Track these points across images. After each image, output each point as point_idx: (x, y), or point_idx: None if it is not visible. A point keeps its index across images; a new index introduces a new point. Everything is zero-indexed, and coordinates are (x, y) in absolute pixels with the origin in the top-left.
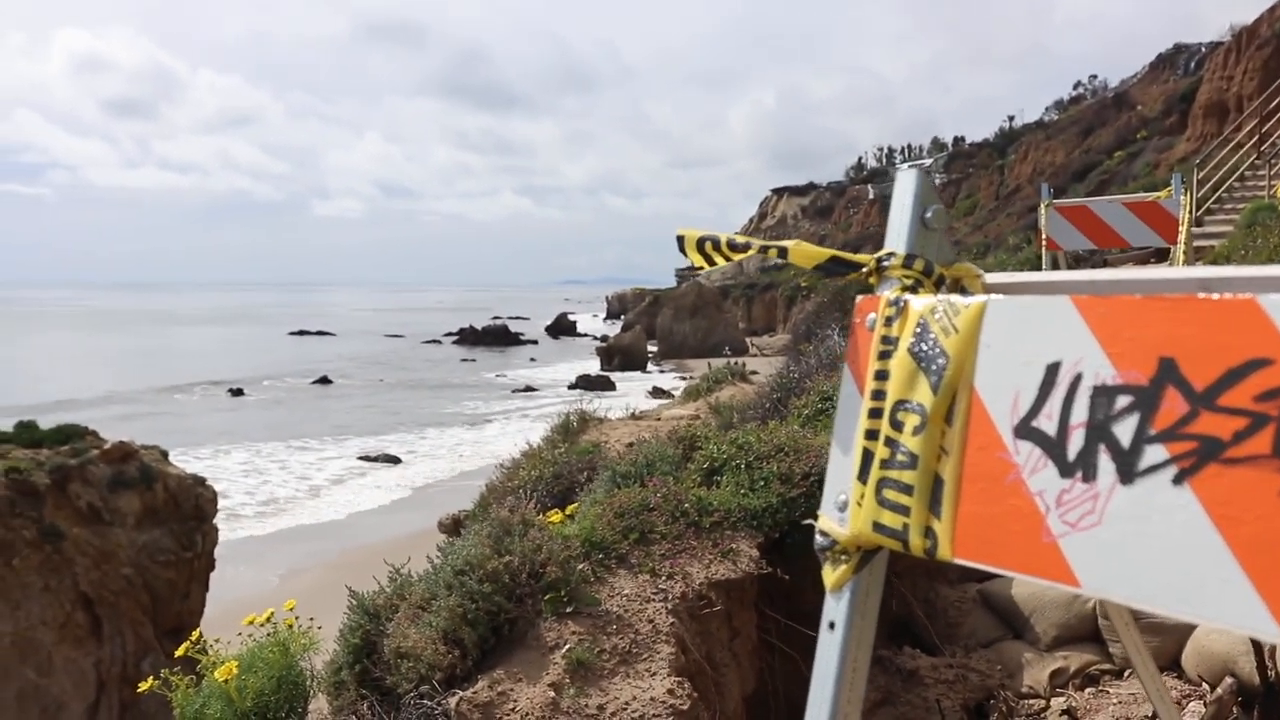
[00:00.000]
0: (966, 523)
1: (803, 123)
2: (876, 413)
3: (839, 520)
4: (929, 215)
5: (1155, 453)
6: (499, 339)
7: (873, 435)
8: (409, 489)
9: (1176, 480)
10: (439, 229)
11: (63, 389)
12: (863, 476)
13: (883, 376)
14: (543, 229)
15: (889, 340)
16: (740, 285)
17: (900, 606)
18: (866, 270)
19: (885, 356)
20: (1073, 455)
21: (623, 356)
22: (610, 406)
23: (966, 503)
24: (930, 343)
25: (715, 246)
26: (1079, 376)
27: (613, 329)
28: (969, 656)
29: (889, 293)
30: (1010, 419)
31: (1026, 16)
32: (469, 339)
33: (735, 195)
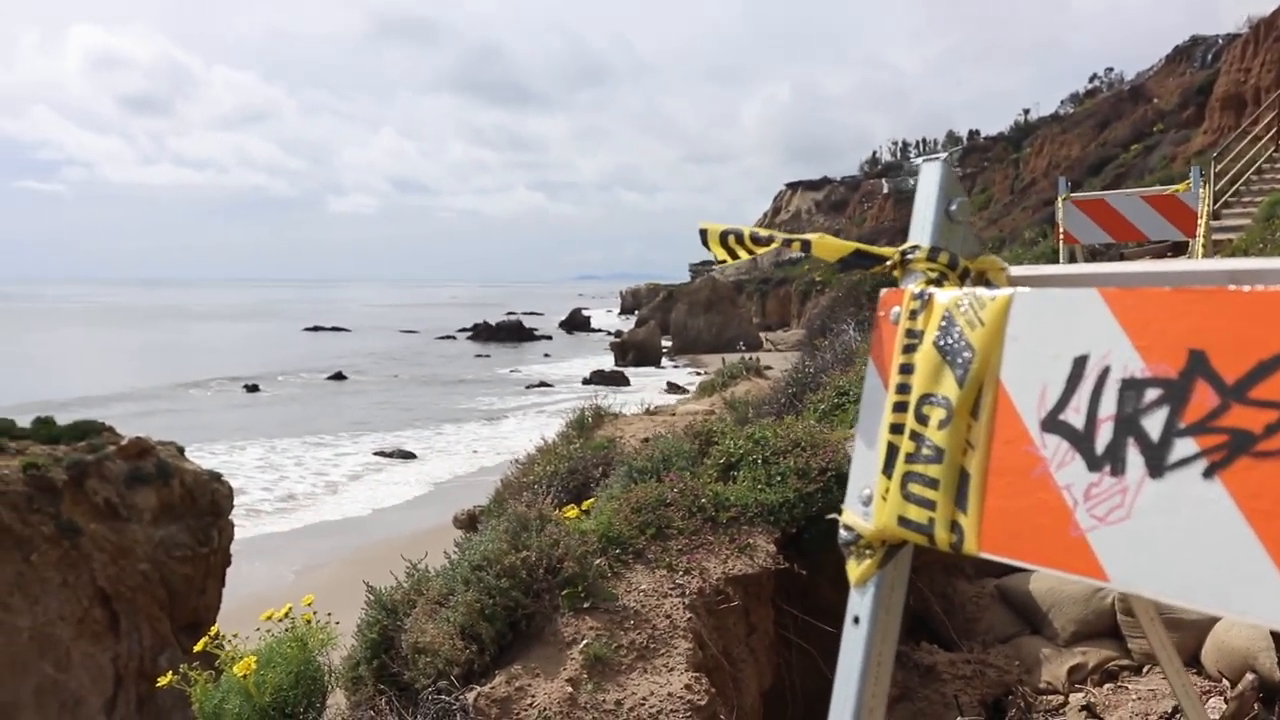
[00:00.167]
0: (993, 517)
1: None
2: (901, 406)
3: (863, 515)
4: (953, 208)
5: (1185, 446)
6: (513, 334)
7: (897, 429)
8: (428, 485)
9: (1207, 474)
10: (453, 225)
11: (80, 385)
12: (887, 471)
13: (907, 370)
14: (557, 224)
15: (913, 334)
16: (754, 280)
17: (918, 602)
18: (890, 263)
19: (910, 350)
20: (1101, 449)
21: (637, 352)
22: (625, 402)
23: (993, 497)
24: (956, 336)
25: (739, 240)
26: (1107, 369)
27: (627, 324)
28: (987, 652)
29: (913, 286)
30: (1037, 412)
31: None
32: (483, 334)
33: (749, 190)
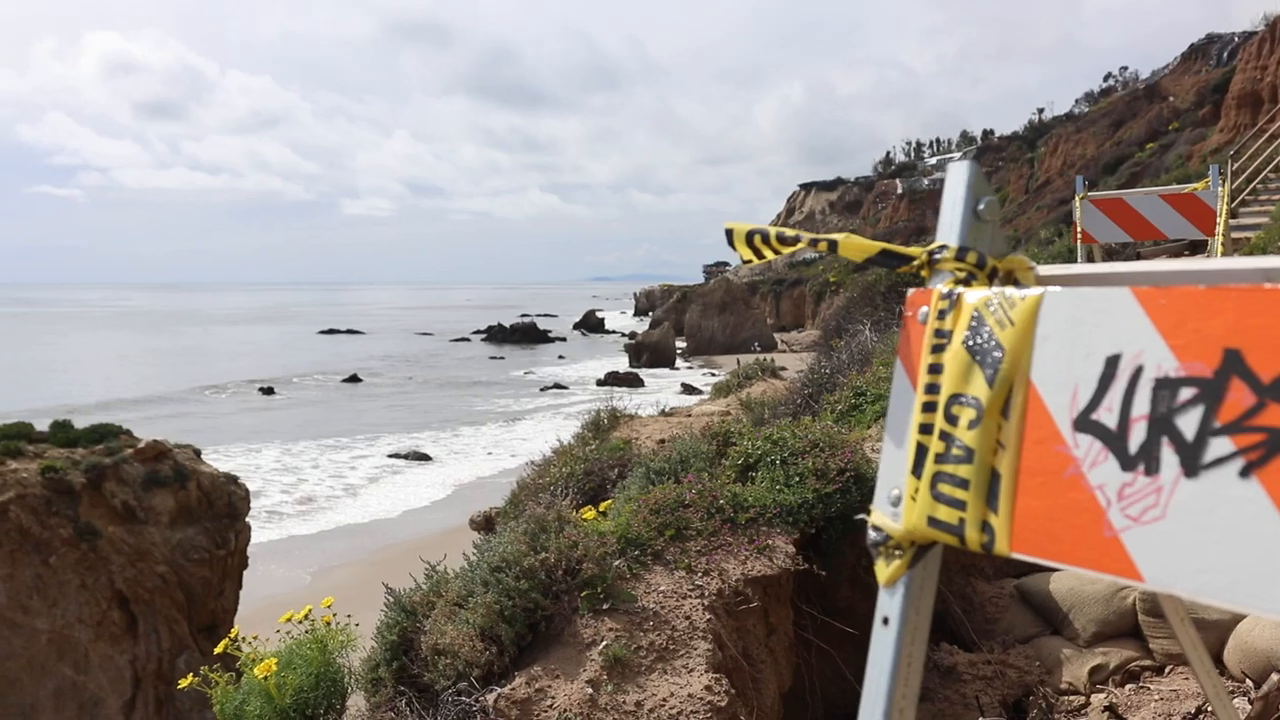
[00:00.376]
0: (1024, 517)
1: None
2: (930, 407)
3: (892, 515)
4: (982, 207)
5: (1221, 445)
6: (527, 336)
7: (927, 429)
8: (450, 486)
9: (1244, 473)
10: (467, 227)
11: (96, 389)
12: (917, 471)
13: (936, 370)
14: (570, 226)
15: (942, 334)
16: (768, 281)
17: (937, 602)
18: (918, 263)
19: (939, 350)
20: (1134, 448)
21: (651, 353)
22: (640, 403)
23: (1024, 497)
24: (985, 336)
25: (765, 240)
26: (1140, 369)
27: (641, 326)
28: (1007, 652)
29: (941, 286)
30: (1069, 412)
31: (1057, 8)
32: (498, 336)
33: (763, 191)
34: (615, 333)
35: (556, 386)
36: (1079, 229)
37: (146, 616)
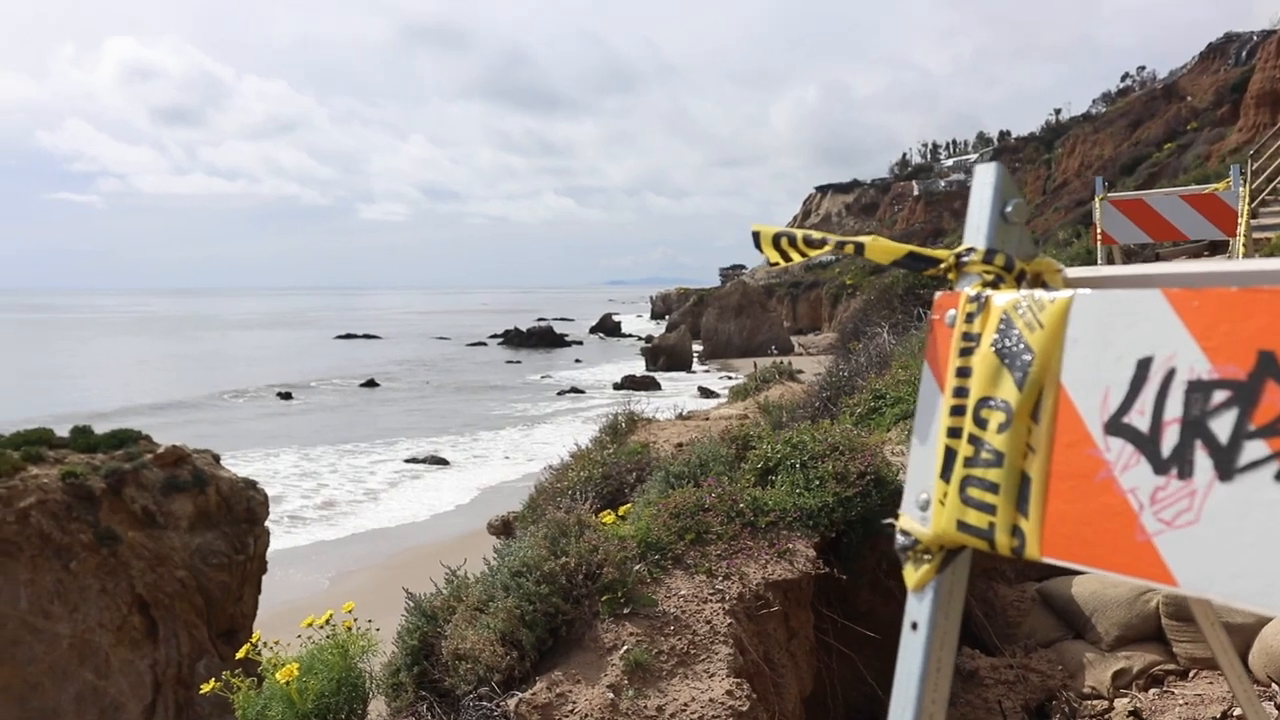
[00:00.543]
0: (1055, 521)
1: (846, 119)
2: (959, 410)
3: (921, 519)
4: (1009, 209)
5: (1256, 448)
6: (544, 340)
7: (955, 433)
8: (473, 490)
9: (1279, 476)
10: (483, 231)
11: (116, 395)
12: (945, 475)
13: (965, 373)
14: (586, 230)
15: (970, 337)
16: (785, 284)
17: None
18: (945, 266)
19: (967, 353)
20: (1167, 452)
21: (668, 357)
22: (657, 407)
23: (1055, 501)
24: (1014, 339)
25: (791, 243)
26: (1172, 371)
27: (657, 329)
28: (1029, 657)
29: (969, 289)
30: (1100, 415)
31: (1074, 7)
32: (514, 340)
33: (779, 193)
34: (632, 336)
35: (574, 390)
36: (1099, 230)
37: (166, 621)
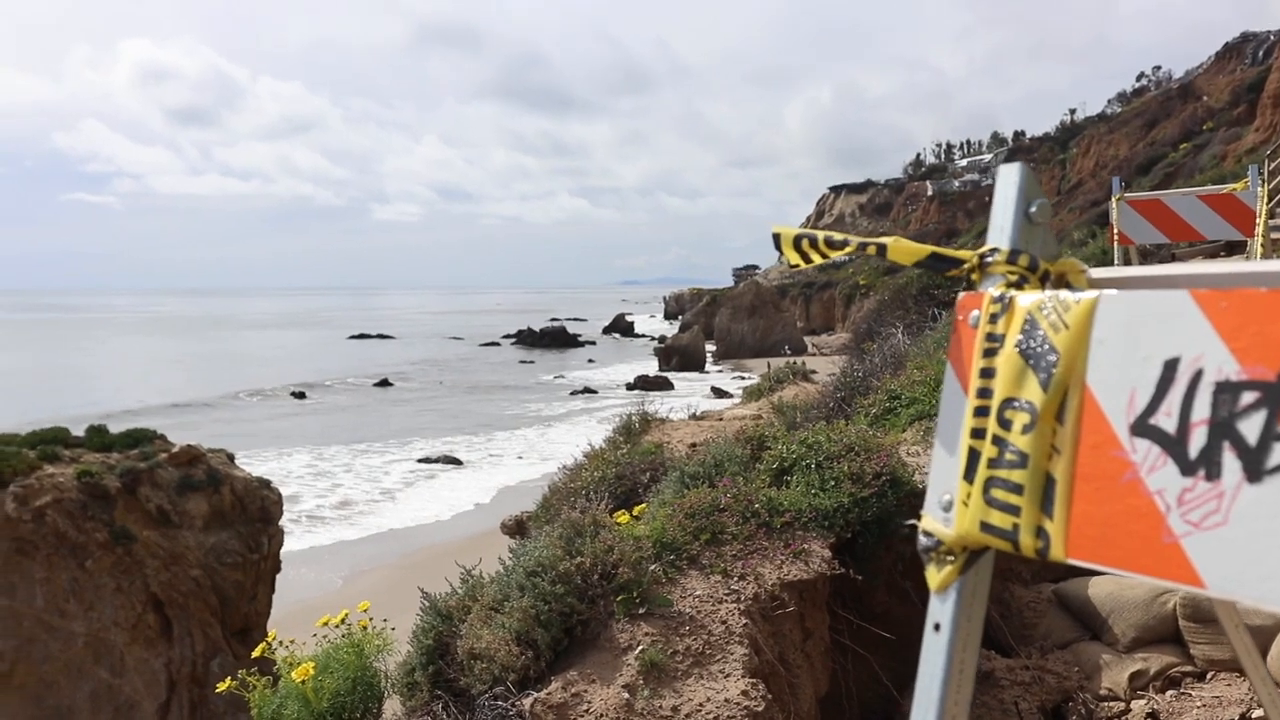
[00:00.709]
0: (1080, 523)
1: (860, 119)
2: (983, 411)
3: (943, 520)
4: (1034, 209)
5: None
6: (557, 340)
7: (979, 434)
8: (487, 490)
9: None
10: (497, 231)
11: (131, 395)
12: (969, 476)
13: (988, 374)
14: (599, 230)
15: (994, 338)
16: (798, 284)
17: None
18: (968, 266)
19: (991, 354)
20: (1194, 453)
21: (681, 357)
22: (670, 407)
23: (1080, 502)
24: (1039, 339)
25: (812, 244)
26: (1199, 372)
27: (671, 329)
28: (1045, 658)
29: (993, 289)
30: (1126, 416)
31: (1091, 7)
32: (527, 340)
33: (793, 194)
34: (645, 336)
35: (587, 390)
36: (1115, 230)
37: (181, 620)
